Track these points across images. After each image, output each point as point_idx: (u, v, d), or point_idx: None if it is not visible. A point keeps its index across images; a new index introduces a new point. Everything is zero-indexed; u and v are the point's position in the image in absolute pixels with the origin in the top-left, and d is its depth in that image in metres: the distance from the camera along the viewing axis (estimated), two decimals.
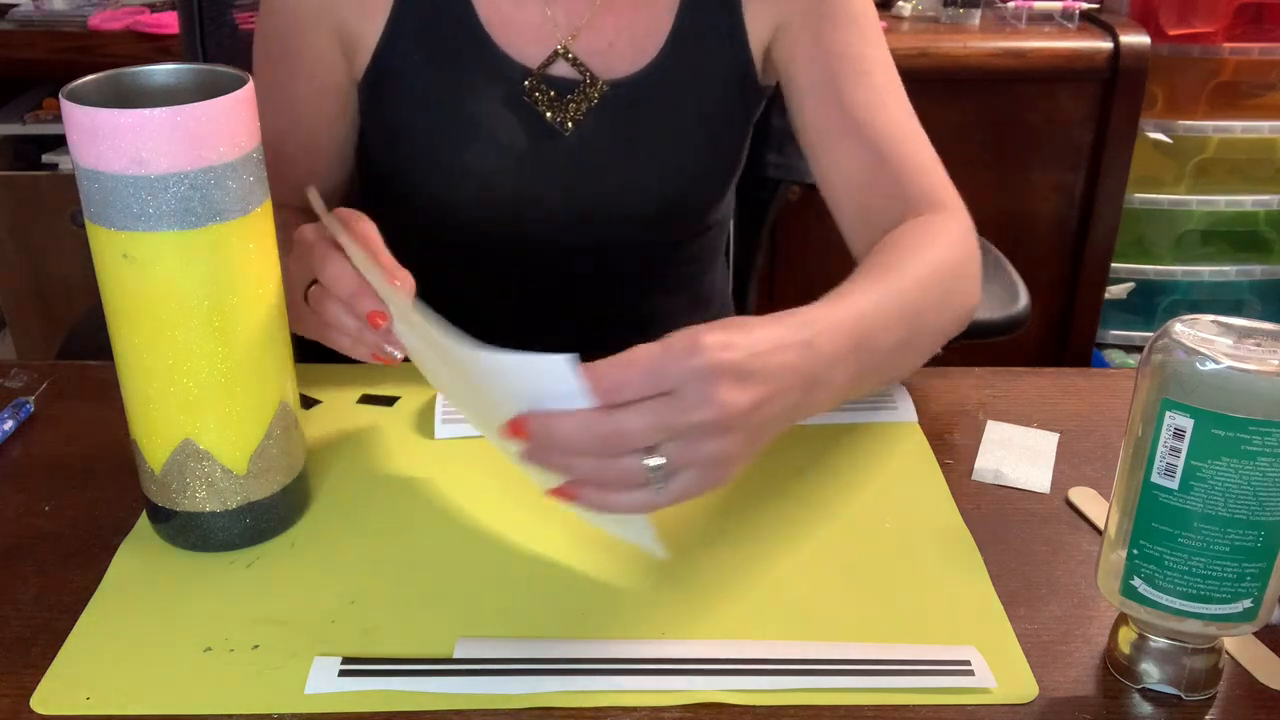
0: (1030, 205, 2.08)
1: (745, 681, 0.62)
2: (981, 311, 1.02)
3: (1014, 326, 1.03)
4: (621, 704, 0.61)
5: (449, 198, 0.98)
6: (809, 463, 0.81)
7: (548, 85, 0.96)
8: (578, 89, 0.96)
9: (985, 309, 1.04)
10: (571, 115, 0.96)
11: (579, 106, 0.96)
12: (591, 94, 0.96)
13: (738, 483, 0.79)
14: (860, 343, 0.72)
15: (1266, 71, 2.09)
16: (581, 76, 0.96)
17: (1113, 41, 1.96)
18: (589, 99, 0.96)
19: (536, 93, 0.96)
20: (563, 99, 0.96)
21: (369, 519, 0.75)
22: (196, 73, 0.69)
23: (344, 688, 0.61)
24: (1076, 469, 0.82)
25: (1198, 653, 0.62)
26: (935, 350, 0.85)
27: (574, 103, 0.96)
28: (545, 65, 0.96)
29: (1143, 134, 2.06)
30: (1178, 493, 0.58)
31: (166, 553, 0.72)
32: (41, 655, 0.64)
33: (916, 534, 0.74)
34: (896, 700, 0.61)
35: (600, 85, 0.96)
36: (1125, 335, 2.26)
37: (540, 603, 0.68)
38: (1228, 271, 2.20)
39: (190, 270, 0.65)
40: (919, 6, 2.07)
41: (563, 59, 0.96)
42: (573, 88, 0.96)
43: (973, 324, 0.88)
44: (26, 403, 0.86)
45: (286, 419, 0.72)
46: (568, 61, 0.96)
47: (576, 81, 0.96)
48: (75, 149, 0.63)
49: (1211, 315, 0.59)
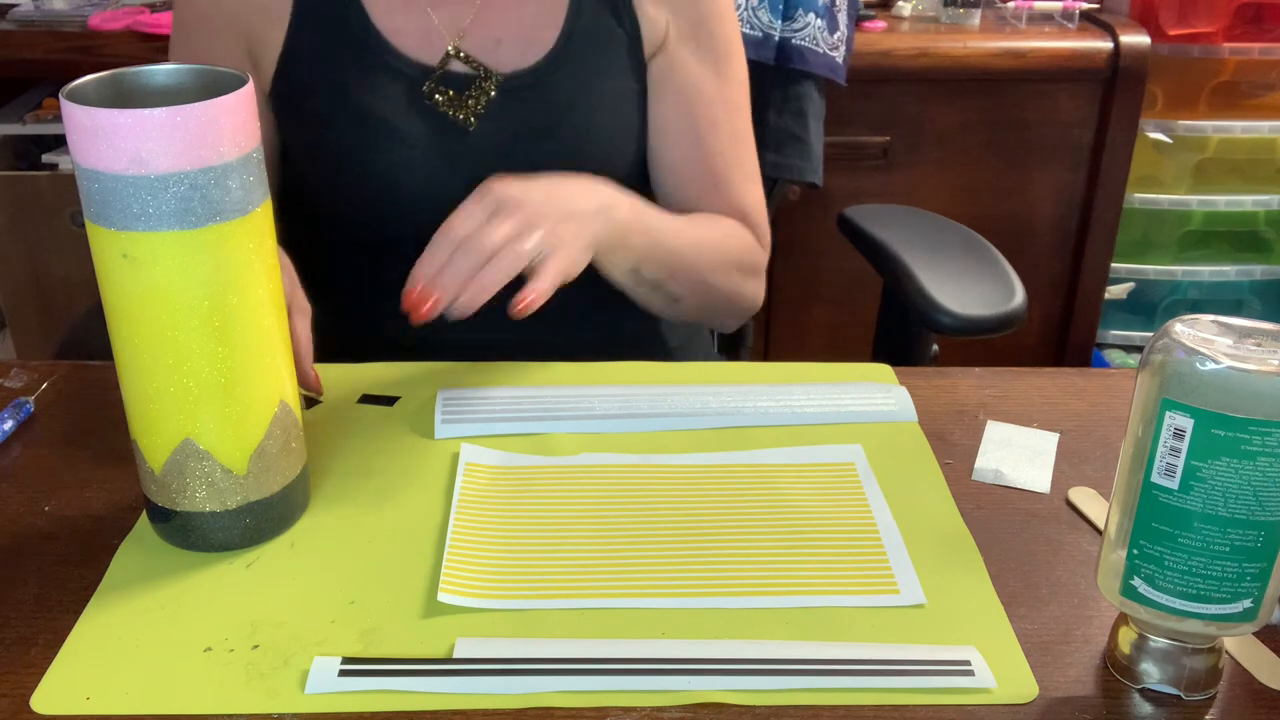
0: (1030, 205, 2.08)
1: (745, 681, 0.62)
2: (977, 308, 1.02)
3: (1009, 323, 1.03)
4: (621, 704, 0.61)
5: (361, 199, 1.01)
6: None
7: (445, 84, 0.99)
8: (474, 84, 0.99)
9: (981, 306, 1.04)
10: (472, 110, 0.99)
11: (478, 101, 0.99)
12: (488, 87, 0.99)
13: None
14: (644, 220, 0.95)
15: (1266, 71, 2.09)
16: (476, 72, 1.00)
17: (1113, 41, 1.96)
18: (486, 93, 0.99)
19: (436, 94, 0.99)
20: (461, 96, 0.99)
21: (369, 519, 0.75)
22: (196, 73, 0.69)
23: (344, 688, 0.61)
24: (1076, 469, 0.82)
25: (1198, 653, 0.62)
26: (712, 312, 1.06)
27: (472, 98, 0.99)
28: (441, 65, 0.99)
29: (1143, 134, 2.06)
30: (1178, 493, 0.58)
31: (166, 553, 0.72)
32: (41, 655, 0.63)
33: (916, 534, 0.74)
34: (896, 700, 0.61)
35: (495, 78, 1.00)
36: (1125, 335, 2.26)
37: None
38: (1228, 271, 2.20)
39: (190, 270, 0.65)
40: (919, 6, 2.07)
41: (455, 59, 1.00)
42: (470, 83, 0.99)
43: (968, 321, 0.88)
44: (26, 403, 0.86)
45: (286, 419, 0.72)
46: (460, 60, 1.00)
47: (473, 77, 1.00)
48: (75, 149, 0.63)
49: (1211, 315, 0.59)
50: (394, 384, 0.90)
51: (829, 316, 2.11)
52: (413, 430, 0.85)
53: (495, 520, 0.75)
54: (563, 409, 0.87)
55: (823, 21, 1.51)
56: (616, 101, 1.03)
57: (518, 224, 0.83)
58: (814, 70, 1.48)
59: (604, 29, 1.02)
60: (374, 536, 0.74)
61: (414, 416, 0.86)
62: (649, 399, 0.88)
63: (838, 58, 1.52)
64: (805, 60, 1.47)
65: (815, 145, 1.46)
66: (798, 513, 0.76)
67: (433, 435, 0.84)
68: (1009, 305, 1.05)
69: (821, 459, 0.82)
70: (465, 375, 0.91)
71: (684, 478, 0.80)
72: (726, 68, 1.07)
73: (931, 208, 2.13)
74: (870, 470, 0.80)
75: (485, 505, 0.76)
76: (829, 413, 0.87)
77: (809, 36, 1.49)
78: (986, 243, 1.21)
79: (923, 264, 1.13)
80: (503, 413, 0.86)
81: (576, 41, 1.01)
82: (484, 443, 0.83)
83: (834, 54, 1.52)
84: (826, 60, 1.50)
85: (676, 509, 0.76)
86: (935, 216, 1.32)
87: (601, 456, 0.82)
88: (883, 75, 1.91)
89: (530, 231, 0.83)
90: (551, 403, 0.88)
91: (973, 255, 1.18)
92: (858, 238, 1.28)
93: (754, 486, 0.79)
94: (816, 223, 1.90)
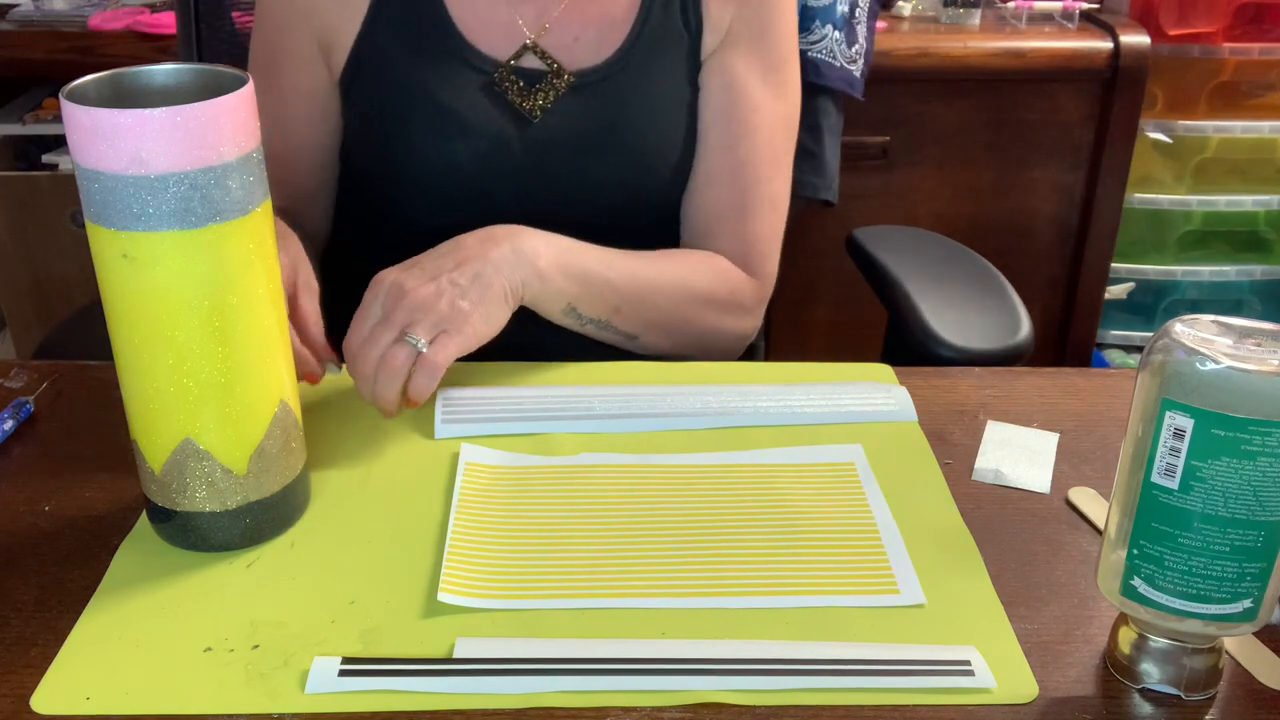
0: (1030, 205, 2.08)
1: (745, 681, 0.62)
2: (982, 341, 1.03)
3: (1014, 358, 1.02)
4: (621, 704, 0.61)
5: (424, 184, 1.03)
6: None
7: (517, 76, 1.01)
8: (545, 79, 1.01)
9: (985, 338, 1.04)
10: (540, 104, 1.01)
11: (547, 95, 1.01)
12: (559, 84, 1.01)
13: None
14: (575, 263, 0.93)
15: (1266, 71, 2.09)
16: (549, 68, 1.01)
17: (1113, 41, 1.96)
18: (556, 89, 1.01)
19: (506, 83, 1.01)
20: (531, 89, 1.01)
21: (369, 519, 0.75)
22: (196, 73, 0.69)
23: (344, 688, 0.61)
24: (1076, 469, 0.82)
25: (1198, 653, 0.62)
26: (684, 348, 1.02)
27: (542, 92, 1.01)
28: (514, 58, 1.01)
29: (1143, 134, 2.06)
30: (1178, 493, 0.58)
31: (166, 553, 0.72)
32: (41, 655, 0.64)
33: (916, 534, 0.74)
34: (896, 700, 0.61)
35: (567, 76, 1.01)
36: (1125, 335, 2.26)
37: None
38: (1228, 271, 2.20)
39: (190, 270, 0.65)
40: (919, 6, 2.06)
41: (531, 52, 1.01)
42: (541, 78, 1.01)
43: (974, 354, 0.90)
44: (26, 403, 0.86)
45: (286, 419, 0.72)
46: (536, 55, 1.01)
47: (544, 72, 1.01)
48: (75, 149, 0.63)
49: (1211, 315, 0.59)
50: None
51: (829, 316, 2.11)
52: (413, 430, 0.85)
53: (495, 520, 0.75)
54: (563, 409, 0.87)
55: (840, 34, 1.48)
56: (671, 105, 1.04)
57: (398, 323, 0.82)
58: (830, 84, 1.43)
59: (670, 30, 1.03)
60: (374, 536, 0.74)
61: (414, 416, 0.86)
62: (649, 399, 0.88)
63: (855, 71, 1.48)
64: (821, 74, 1.43)
65: (831, 161, 1.42)
66: (798, 513, 0.76)
67: (433, 435, 0.84)
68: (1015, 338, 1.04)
69: (821, 459, 0.82)
70: (465, 375, 0.91)
71: (684, 478, 0.80)
72: (777, 78, 1.05)
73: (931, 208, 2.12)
74: (870, 470, 0.80)
75: (485, 505, 0.76)
76: (829, 413, 0.87)
77: (826, 49, 1.46)
78: (995, 270, 1.20)
79: (926, 293, 1.12)
80: (503, 413, 0.86)
81: (644, 41, 1.02)
82: (484, 443, 0.83)
83: (851, 67, 1.48)
84: (844, 74, 1.46)
85: (676, 509, 0.76)
86: (944, 240, 1.30)
87: (601, 456, 0.82)
88: (882, 75, 1.90)
89: (414, 327, 0.81)
90: (551, 403, 0.88)
91: (978, 284, 1.17)
92: (864, 262, 1.26)
93: (754, 486, 0.79)
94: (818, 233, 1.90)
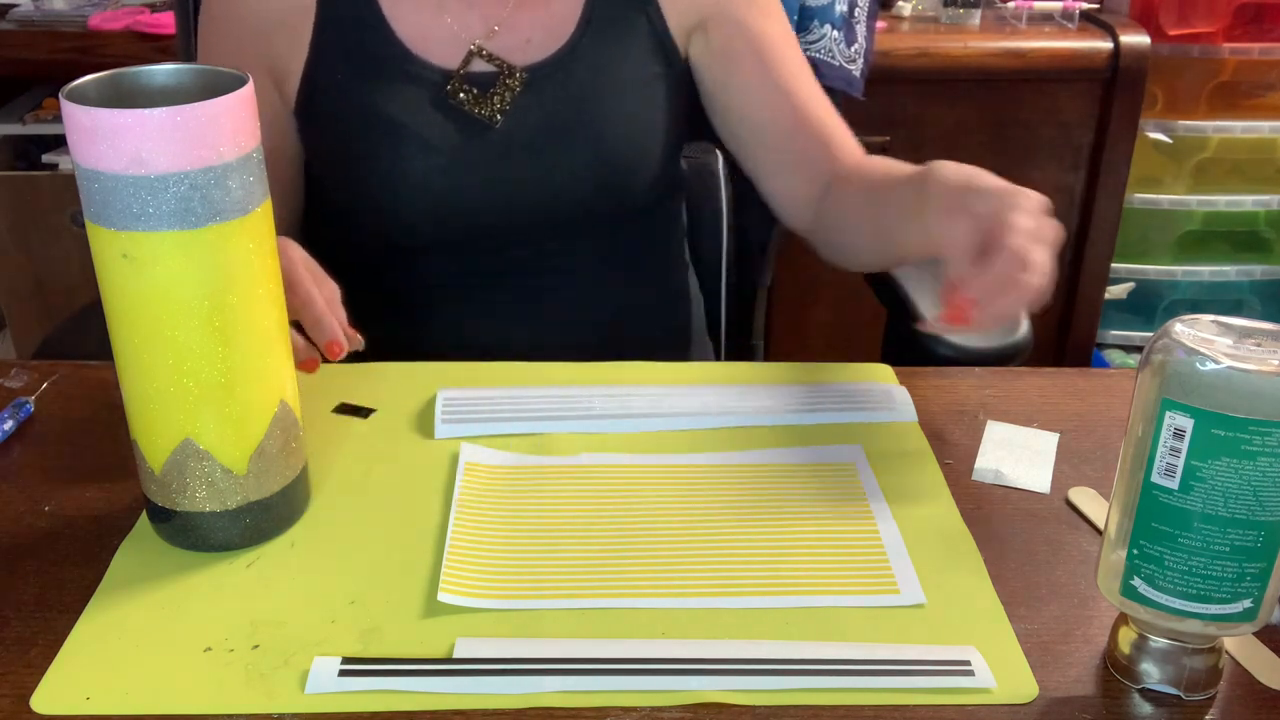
0: None
1: (745, 681, 0.62)
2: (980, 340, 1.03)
3: (1012, 356, 1.03)
4: (621, 704, 0.61)
5: (391, 205, 1.01)
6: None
7: (469, 83, 1.00)
8: (498, 81, 1.00)
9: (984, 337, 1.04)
10: (497, 107, 1.00)
11: (502, 97, 1.00)
12: (512, 84, 1.00)
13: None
14: None
15: (1266, 71, 2.09)
16: (498, 68, 1.00)
17: (1113, 41, 1.96)
18: (510, 88, 1.00)
19: (461, 93, 1.00)
20: (485, 93, 1.00)
21: (369, 519, 0.75)
22: (196, 73, 0.69)
23: (344, 688, 0.61)
24: (1076, 469, 0.82)
25: (1198, 653, 0.62)
26: None
27: (497, 95, 1.00)
28: (463, 65, 1.00)
29: (1143, 134, 2.06)
30: (1178, 493, 0.58)
31: (166, 553, 0.72)
32: (41, 655, 0.63)
33: (916, 534, 0.74)
34: (896, 700, 0.61)
35: (518, 74, 1.00)
36: (1125, 335, 2.26)
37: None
38: (1228, 271, 2.20)
39: (190, 270, 0.65)
40: (919, 6, 2.06)
41: (478, 56, 1.00)
42: (493, 81, 1.00)
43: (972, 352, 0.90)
44: (26, 403, 0.86)
45: (286, 419, 0.72)
46: (483, 58, 1.00)
47: (495, 74, 1.00)
48: (75, 149, 0.63)
49: (1211, 315, 0.59)
50: (394, 383, 0.90)
51: (829, 316, 2.11)
52: (413, 430, 0.85)
53: (495, 520, 0.75)
54: (563, 409, 0.87)
55: (839, 33, 1.48)
56: (635, 87, 1.04)
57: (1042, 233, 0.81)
58: (829, 83, 1.42)
59: (622, 15, 1.03)
60: (374, 536, 0.74)
61: (414, 416, 0.86)
62: (649, 399, 0.88)
63: (854, 70, 1.48)
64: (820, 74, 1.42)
65: None
66: (797, 513, 0.76)
67: (433, 435, 0.84)
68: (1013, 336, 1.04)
69: (821, 459, 0.82)
70: (465, 375, 0.91)
71: (684, 478, 0.80)
72: (780, 15, 1.09)
73: None
74: (870, 470, 0.80)
75: (485, 505, 0.76)
76: (829, 413, 0.87)
77: (825, 49, 1.46)
78: None
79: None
80: (503, 413, 0.86)
81: (595, 28, 1.02)
82: (484, 443, 0.83)
83: (850, 67, 1.48)
84: (842, 73, 1.47)
85: (676, 509, 0.76)
86: None
87: (601, 456, 0.82)
88: (882, 75, 1.90)
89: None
90: (551, 403, 0.88)
91: None
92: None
93: (754, 486, 0.79)
94: None
